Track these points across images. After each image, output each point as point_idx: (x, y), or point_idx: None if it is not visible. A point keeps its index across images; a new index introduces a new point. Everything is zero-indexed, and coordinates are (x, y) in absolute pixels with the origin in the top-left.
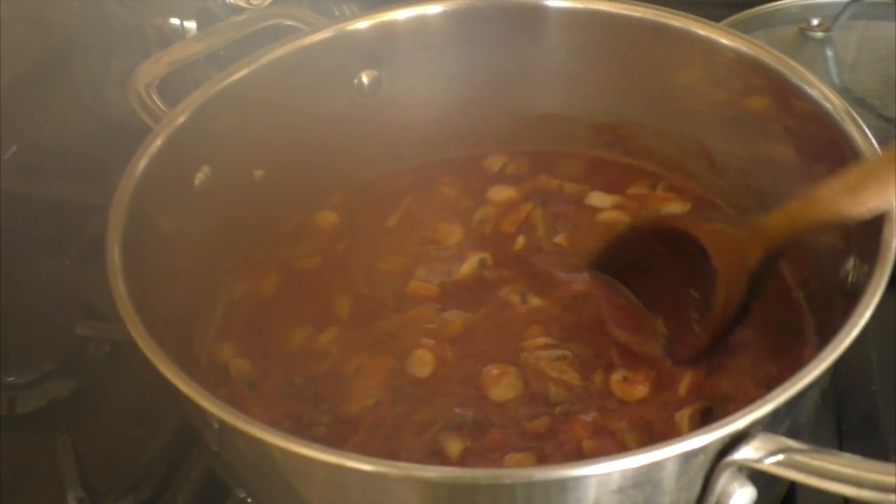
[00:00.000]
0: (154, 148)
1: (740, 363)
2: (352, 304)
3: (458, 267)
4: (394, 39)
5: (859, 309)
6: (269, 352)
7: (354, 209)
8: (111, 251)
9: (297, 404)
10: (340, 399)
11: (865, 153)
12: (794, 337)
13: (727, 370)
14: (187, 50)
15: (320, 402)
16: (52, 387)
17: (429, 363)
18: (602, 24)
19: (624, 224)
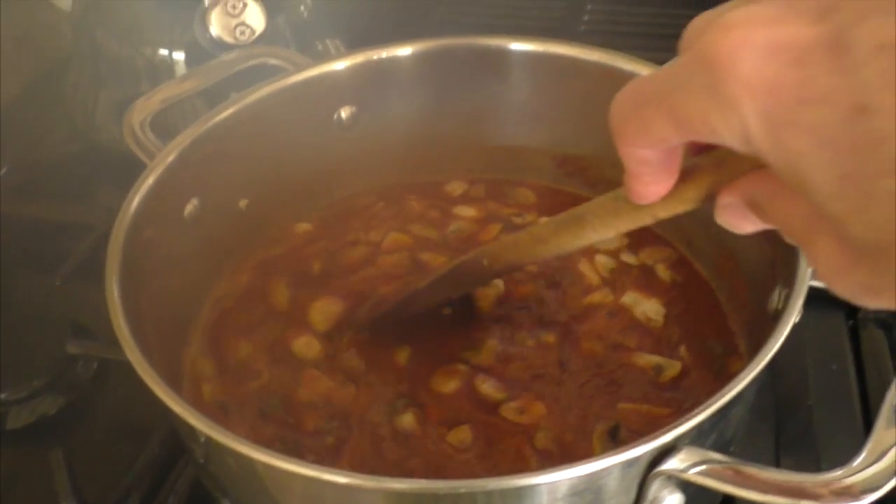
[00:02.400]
0: (147, 185)
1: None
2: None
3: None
4: (370, 78)
5: (775, 334)
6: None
7: (327, 219)
8: (109, 281)
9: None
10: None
11: None
12: (730, 361)
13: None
14: (178, 88)
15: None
16: (41, 402)
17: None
18: (561, 66)
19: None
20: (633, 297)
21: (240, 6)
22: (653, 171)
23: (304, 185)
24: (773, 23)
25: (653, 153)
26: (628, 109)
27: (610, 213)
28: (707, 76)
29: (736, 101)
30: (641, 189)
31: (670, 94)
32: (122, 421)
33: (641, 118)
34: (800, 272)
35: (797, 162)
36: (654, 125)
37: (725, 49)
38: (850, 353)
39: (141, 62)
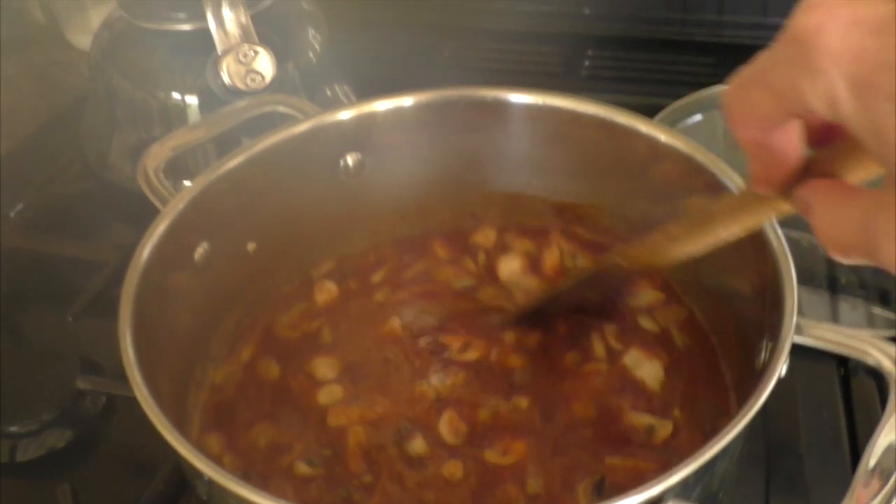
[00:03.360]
0: (159, 231)
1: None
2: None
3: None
4: (374, 127)
5: (759, 389)
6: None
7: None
8: (123, 325)
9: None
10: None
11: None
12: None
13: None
14: (189, 136)
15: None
16: (50, 436)
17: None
18: (560, 118)
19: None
20: (636, 358)
21: (251, 54)
22: (769, 154)
23: (311, 231)
24: (852, 1)
25: (765, 135)
26: (735, 93)
27: (736, 207)
28: (797, 49)
29: (824, 69)
30: (760, 172)
31: (767, 70)
32: (128, 456)
33: (745, 98)
34: (784, 326)
35: (882, 123)
36: (756, 102)
37: (812, 24)
38: (840, 401)
39: (154, 106)
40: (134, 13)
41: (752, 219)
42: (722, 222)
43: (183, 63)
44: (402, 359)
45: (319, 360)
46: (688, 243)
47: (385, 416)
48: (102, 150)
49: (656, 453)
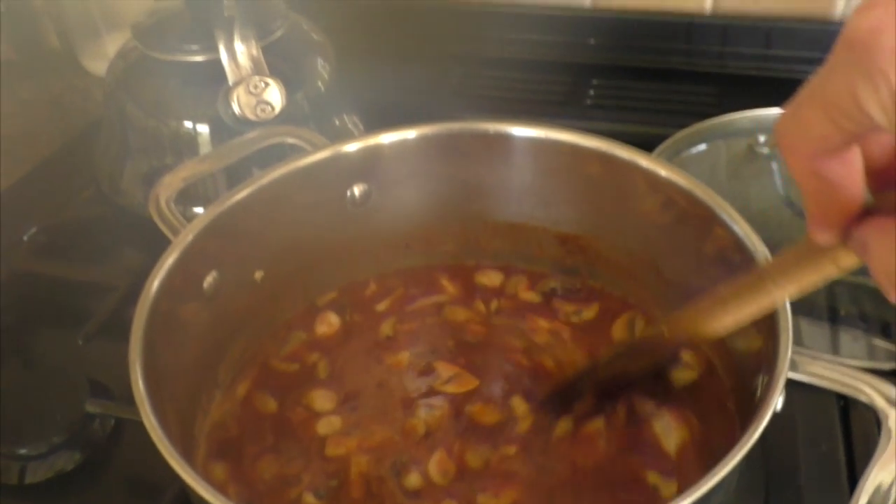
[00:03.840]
0: (169, 262)
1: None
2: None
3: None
4: (380, 159)
5: (753, 424)
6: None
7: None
8: (133, 358)
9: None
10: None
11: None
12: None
13: None
14: (201, 167)
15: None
16: (59, 458)
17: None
18: (562, 151)
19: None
20: (665, 424)
21: (261, 85)
22: (829, 188)
23: (318, 259)
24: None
25: (822, 163)
26: (787, 117)
27: (791, 263)
28: (853, 54)
29: (884, 71)
30: (818, 210)
31: (821, 83)
32: (136, 479)
33: (799, 120)
34: (779, 362)
35: None
36: (810, 122)
37: (870, 25)
38: (840, 434)
39: (166, 134)
40: (148, 44)
41: (810, 276)
42: (777, 282)
43: (195, 93)
44: (399, 390)
45: (317, 393)
46: (739, 308)
47: (383, 446)
48: (115, 175)
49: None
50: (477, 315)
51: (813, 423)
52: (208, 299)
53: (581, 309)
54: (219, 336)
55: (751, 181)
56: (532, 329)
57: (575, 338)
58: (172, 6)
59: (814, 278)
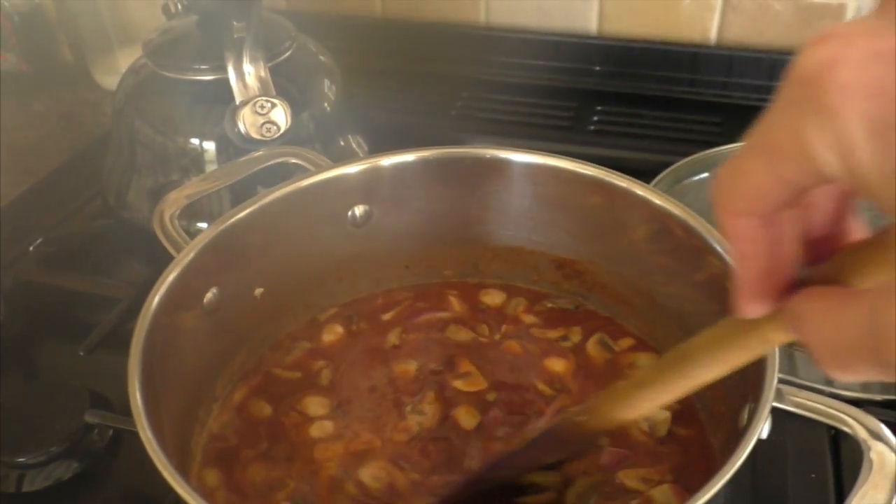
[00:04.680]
0: (170, 279)
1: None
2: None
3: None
4: (381, 181)
5: (737, 451)
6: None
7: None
8: (132, 373)
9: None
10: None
11: None
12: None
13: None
14: (205, 184)
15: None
16: (57, 468)
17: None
18: (559, 178)
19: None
20: (664, 494)
21: (268, 106)
22: (761, 254)
23: (318, 277)
24: (870, 33)
25: (757, 225)
26: (726, 169)
27: (717, 342)
28: (803, 90)
29: (835, 109)
30: (750, 284)
31: (765, 129)
32: (133, 489)
33: (736, 170)
34: (765, 391)
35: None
36: (748, 172)
37: (823, 58)
38: (829, 462)
39: (173, 150)
40: (158, 62)
41: (736, 355)
42: (701, 362)
43: (202, 111)
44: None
45: (311, 399)
46: (660, 391)
47: (368, 451)
48: (122, 189)
49: None
50: (480, 337)
51: (803, 452)
52: (208, 314)
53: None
54: (218, 350)
55: None
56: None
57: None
58: (184, 25)
59: (741, 357)
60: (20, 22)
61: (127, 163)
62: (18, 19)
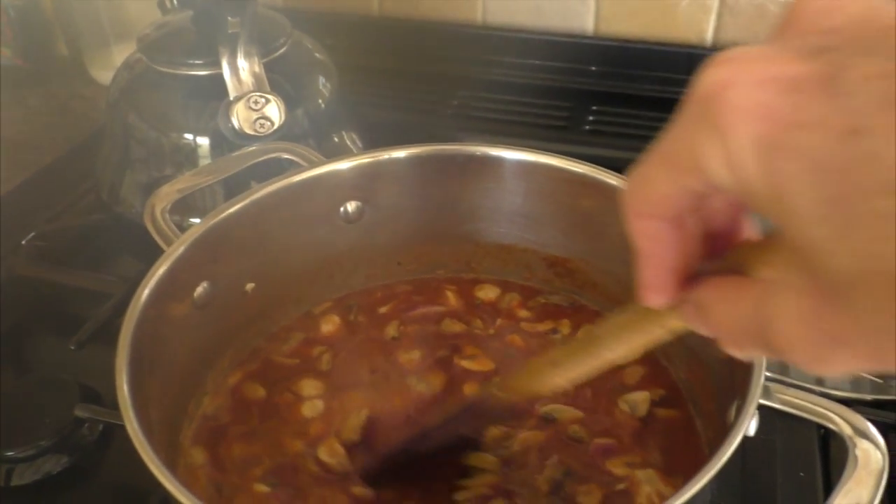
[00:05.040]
0: (160, 272)
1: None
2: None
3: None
4: (374, 177)
5: (723, 447)
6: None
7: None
8: (119, 365)
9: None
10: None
11: None
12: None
13: None
14: (197, 179)
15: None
16: (47, 462)
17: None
18: (550, 175)
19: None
20: (649, 476)
21: (262, 101)
22: (662, 252)
23: (309, 273)
24: (764, 58)
25: (659, 225)
26: (633, 176)
27: (621, 327)
28: (700, 108)
29: (728, 127)
30: (652, 278)
31: (668, 139)
32: (122, 483)
33: (641, 177)
34: (752, 387)
35: (785, 187)
36: (651, 179)
37: (718, 80)
38: (818, 461)
39: (167, 145)
40: (152, 57)
41: (638, 339)
42: (607, 345)
43: (197, 106)
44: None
45: (306, 382)
46: (571, 369)
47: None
48: (115, 184)
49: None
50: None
51: (792, 451)
52: (199, 309)
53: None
54: (209, 344)
55: None
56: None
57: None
58: (179, 20)
59: (642, 342)
60: (16, 16)
61: (121, 158)
62: (14, 14)
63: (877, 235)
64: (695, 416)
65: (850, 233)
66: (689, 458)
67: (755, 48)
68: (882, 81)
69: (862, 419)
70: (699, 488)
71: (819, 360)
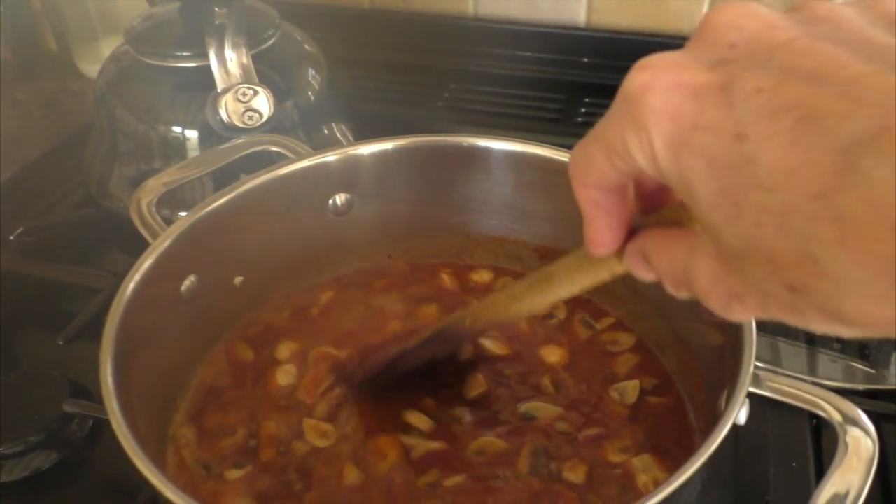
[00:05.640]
0: (146, 266)
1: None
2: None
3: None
4: (362, 169)
5: (710, 438)
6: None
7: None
8: (104, 355)
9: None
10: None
11: None
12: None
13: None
14: (184, 172)
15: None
16: (36, 457)
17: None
18: (539, 165)
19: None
20: (645, 462)
21: (250, 93)
22: (604, 215)
23: (299, 267)
24: (677, 66)
25: (601, 194)
26: (577, 151)
27: (573, 269)
28: (626, 106)
29: (646, 125)
30: (595, 236)
31: (603, 127)
32: (112, 478)
33: (584, 155)
34: (741, 375)
35: (688, 177)
36: (592, 158)
37: (639, 84)
38: (811, 451)
39: (155, 138)
40: (140, 49)
41: (587, 279)
42: (560, 283)
43: (185, 99)
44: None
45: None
46: (528, 302)
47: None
48: (103, 178)
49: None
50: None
51: (784, 440)
52: (187, 302)
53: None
54: (197, 338)
55: None
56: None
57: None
58: (166, 12)
59: (591, 281)
60: (5, 11)
61: (109, 151)
62: (3, 8)
63: (754, 222)
64: (687, 404)
65: (735, 219)
66: (682, 446)
67: (672, 56)
68: (763, 94)
69: (852, 406)
70: (689, 476)
71: (726, 310)
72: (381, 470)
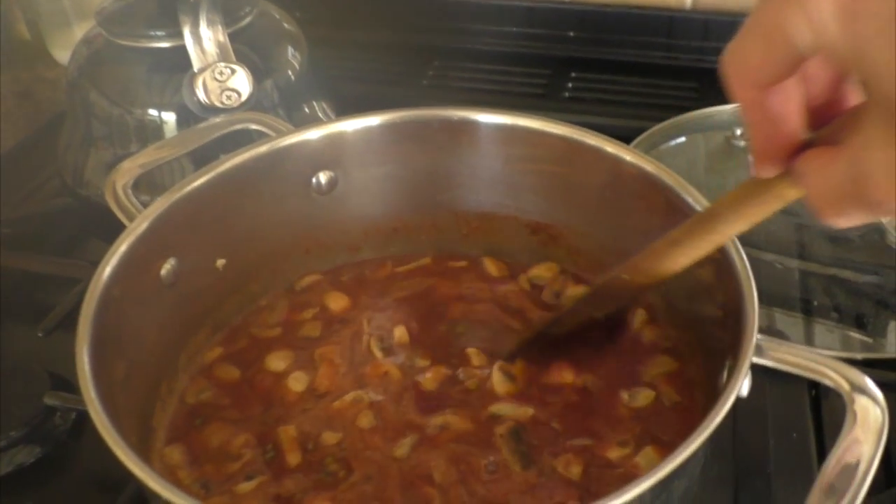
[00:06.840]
0: (122, 249)
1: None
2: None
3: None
4: (345, 146)
5: (714, 410)
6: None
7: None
8: (80, 344)
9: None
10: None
11: (739, 271)
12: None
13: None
14: (160, 153)
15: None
16: (19, 452)
17: None
18: (529, 139)
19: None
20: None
21: (227, 72)
22: (770, 121)
23: (283, 248)
24: None
25: (762, 94)
26: (730, 50)
27: (738, 201)
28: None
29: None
30: (761, 143)
31: (757, 16)
32: (95, 473)
33: (740, 49)
34: (744, 346)
35: (864, 47)
36: (749, 52)
37: None
38: (810, 423)
39: (131, 122)
40: (112, 31)
41: (757, 210)
42: (725, 219)
43: (160, 80)
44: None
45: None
46: (689, 246)
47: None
48: (79, 166)
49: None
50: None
51: (784, 413)
52: (167, 287)
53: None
54: (180, 324)
55: (728, 174)
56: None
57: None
58: None
59: (760, 212)
60: None
61: (83, 138)
62: None
63: None
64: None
65: None
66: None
67: None
68: None
69: (859, 374)
70: (694, 449)
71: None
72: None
